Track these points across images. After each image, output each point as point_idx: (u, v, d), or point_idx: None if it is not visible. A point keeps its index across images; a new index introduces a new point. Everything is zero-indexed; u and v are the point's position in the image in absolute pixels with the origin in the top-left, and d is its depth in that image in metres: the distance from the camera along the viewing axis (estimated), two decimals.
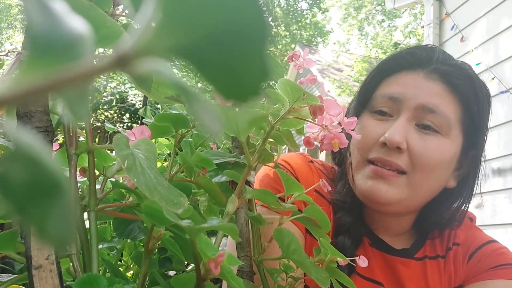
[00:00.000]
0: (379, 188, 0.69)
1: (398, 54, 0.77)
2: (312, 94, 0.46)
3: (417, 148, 0.69)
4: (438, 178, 0.72)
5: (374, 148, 0.71)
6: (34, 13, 0.13)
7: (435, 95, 0.70)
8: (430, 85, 0.71)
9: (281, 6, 16.62)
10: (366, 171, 0.71)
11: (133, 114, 5.45)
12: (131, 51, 0.13)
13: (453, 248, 0.80)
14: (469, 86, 0.72)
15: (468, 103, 0.72)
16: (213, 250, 0.37)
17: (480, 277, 0.75)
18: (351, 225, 0.73)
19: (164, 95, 0.47)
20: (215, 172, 0.55)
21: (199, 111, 0.14)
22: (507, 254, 0.78)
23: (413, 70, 0.73)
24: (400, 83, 0.73)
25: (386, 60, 0.77)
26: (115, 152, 0.37)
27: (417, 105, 0.70)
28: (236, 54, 0.13)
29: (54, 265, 0.36)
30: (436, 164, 0.70)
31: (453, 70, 0.72)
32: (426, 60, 0.73)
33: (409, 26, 14.08)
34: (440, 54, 0.74)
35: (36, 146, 0.13)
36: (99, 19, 0.38)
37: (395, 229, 0.78)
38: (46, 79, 0.12)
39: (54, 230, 0.13)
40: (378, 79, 0.76)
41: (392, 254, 0.77)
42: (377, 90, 0.75)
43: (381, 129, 0.70)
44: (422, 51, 0.74)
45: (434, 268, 0.78)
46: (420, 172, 0.69)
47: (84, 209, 0.44)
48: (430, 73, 0.72)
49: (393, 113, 0.72)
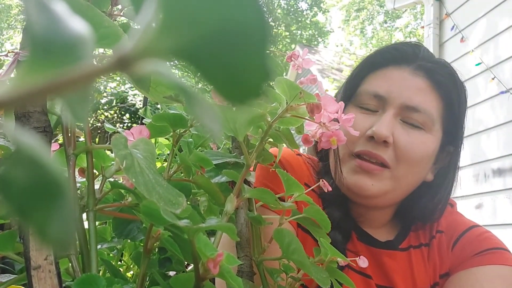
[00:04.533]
0: (365, 182, 0.71)
1: (385, 49, 0.78)
2: (309, 92, 0.45)
3: (402, 143, 0.70)
4: (419, 172, 0.74)
5: (360, 141, 0.71)
6: (35, 14, 0.13)
7: (420, 92, 0.72)
8: (416, 81, 0.72)
9: (281, 6, 16.63)
10: (352, 165, 0.72)
11: (133, 114, 5.45)
12: (131, 53, 0.13)
13: (436, 236, 0.80)
14: (451, 83, 0.74)
15: (450, 100, 0.74)
16: (212, 250, 0.37)
17: (466, 265, 0.75)
18: (340, 220, 0.74)
19: (163, 95, 0.47)
20: (215, 172, 0.55)
21: (200, 113, 0.14)
22: (491, 238, 0.78)
23: (398, 65, 0.74)
24: (385, 79, 0.74)
25: (373, 55, 0.79)
26: (113, 152, 0.37)
27: (401, 104, 0.71)
28: (237, 55, 0.13)
29: (53, 266, 0.36)
30: (419, 158, 0.72)
31: (437, 67, 0.74)
32: (412, 56, 0.74)
33: (409, 26, 14.09)
34: (424, 52, 0.76)
35: (35, 147, 0.13)
36: (96, 19, 0.38)
37: (378, 221, 0.80)
38: (47, 81, 0.12)
39: (54, 231, 0.13)
40: (364, 73, 0.77)
41: (377, 247, 0.78)
42: (362, 84, 0.76)
43: (367, 123, 0.71)
44: (408, 47, 0.76)
45: (418, 257, 0.79)
46: (403, 166, 0.71)
47: (83, 209, 0.44)
48: (416, 69, 0.73)
49: (378, 109, 0.73)
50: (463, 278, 0.74)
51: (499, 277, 0.71)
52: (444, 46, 3.23)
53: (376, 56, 0.77)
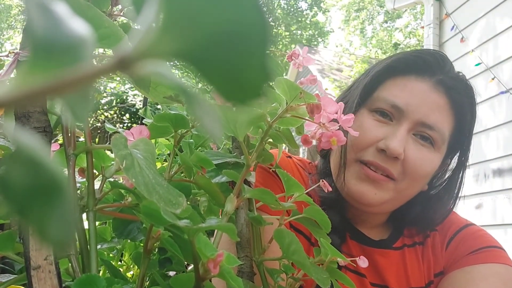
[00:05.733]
0: (368, 190, 0.70)
1: (408, 55, 0.76)
2: (309, 93, 0.45)
3: (412, 159, 0.70)
4: (420, 185, 0.75)
5: (370, 151, 0.71)
6: (35, 15, 0.13)
7: (437, 109, 0.71)
8: (435, 97, 0.71)
9: (281, 6, 16.63)
10: (357, 171, 0.71)
11: (133, 115, 5.46)
12: (132, 54, 0.13)
13: (430, 235, 0.80)
14: (468, 103, 0.74)
15: (463, 119, 0.75)
16: (212, 250, 0.37)
17: (460, 264, 0.75)
18: (337, 223, 0.73)
19: (163, 95, 0.47)
20: (215, 172, 0.54)
21: (200, 114, 0.14)
22: (485, 237, 0.78)
23: (421, 77, 0.72)
24: (406, 90, 0.72)
25: (395, 60, 0.76)
26: (113, 152, 0.37)
27: (418, 120, 0.70)
28: (237, 56, 0.13)
29: (52, 266, 0.36)
30: (425, 174, 0.73)
31: (457, 85, 0.73)
32: (436, 68, 0.73)
33: (409, 26, 14.09)
34: (447, 65, 0.75)
35: (35, 147, 0.13)
36: (96, 19, 0.38)
37: (372, 222, 0.80)
38: (47, 81, 0.12)
39: (54, 232, 0.13)
40: (383, 78, 0.75)
41: (370, 246, 0.78)
42: (380, 90, 0.74)
43: (380, 133, 0.71)
44: (433, 57, 0.74)
45: (412, 256, 0.79)
46: (408, 180, 0.71)
47: (83, 209, 0.44)
48: (437, 84, 0.72)
49: (393, 118, 0.72)
50: (457, 277, 0.74)
51: (494, 275, 0.71)
52: (444, 46, 3.23)
53: (398, 61, 0.75)
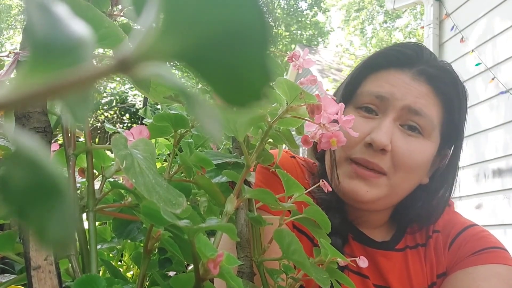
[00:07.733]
0: (360, 188, 0.70)
1: (387, 50, 0.77)
2: (309, 93, 0.45)
3: (400, 150, 0.70)
4: (415, 178, 0.74)
5: (357, 148, 0.71)
6: (35, 15, 0.13)
7: (422, 97, 0.71)
8: (417, 86, 0.71)
9: (281, 6, 16.63)
10: (348, 170, 0.72)
11: (133, 115, 5.46)
12: (133, 55, 0.13)
13: (433, 236, 0.80)
14: (453, 90, 0.74)
15: (451, 106, 0.74)
16: (212, 250, 0.37)
17: (462, 265, 0.75)
18: (339, 225, 0.73)
19: (163, 95, 0.47)
20: (215, 172, 0.54)
21: (200, 114, 0.14)
22: (487, 238, 0.78)
23: (400, 69, 0.73)
24: (388, 81, 0.72)
25: (374, 56, 0.77)
26: (113, 152, 0.37)
27: (404, 106, 0.70)
28: (237, 57, 0.13)
29: (53, 266, 0.36)
30: (417, 166, 0.71)
31: (439, 73, 0.73)
32: (415, 59, 0.73)
33: (409, 26, 14.09)
34: (427, 54, 0.75)
35: (35, 148, 0.13)
36: (96, 19, 0.38)
37: (374, 222, 0.80)
38: (47, 82, 0.12)
39: (54, 233, 0.13)
40: (364, 74, 0.76)
41: (372, 247, 0.78)
42: (363, 85, 0.75)
43: (366, 128, 0.71)
44: (411, 49, 0.75)
45: (415, 257, 0.79)
46: (400, 173, 0.71)
47: (83, 210, 0.44)
48: (418, 74, 0.72)
49: (379, 111, 0.72)
50: (460, 278, 0.73)
51: (496, 276, 0.71)
52: (444, 46, 3.23)
53: (377, 57, 0.76)
